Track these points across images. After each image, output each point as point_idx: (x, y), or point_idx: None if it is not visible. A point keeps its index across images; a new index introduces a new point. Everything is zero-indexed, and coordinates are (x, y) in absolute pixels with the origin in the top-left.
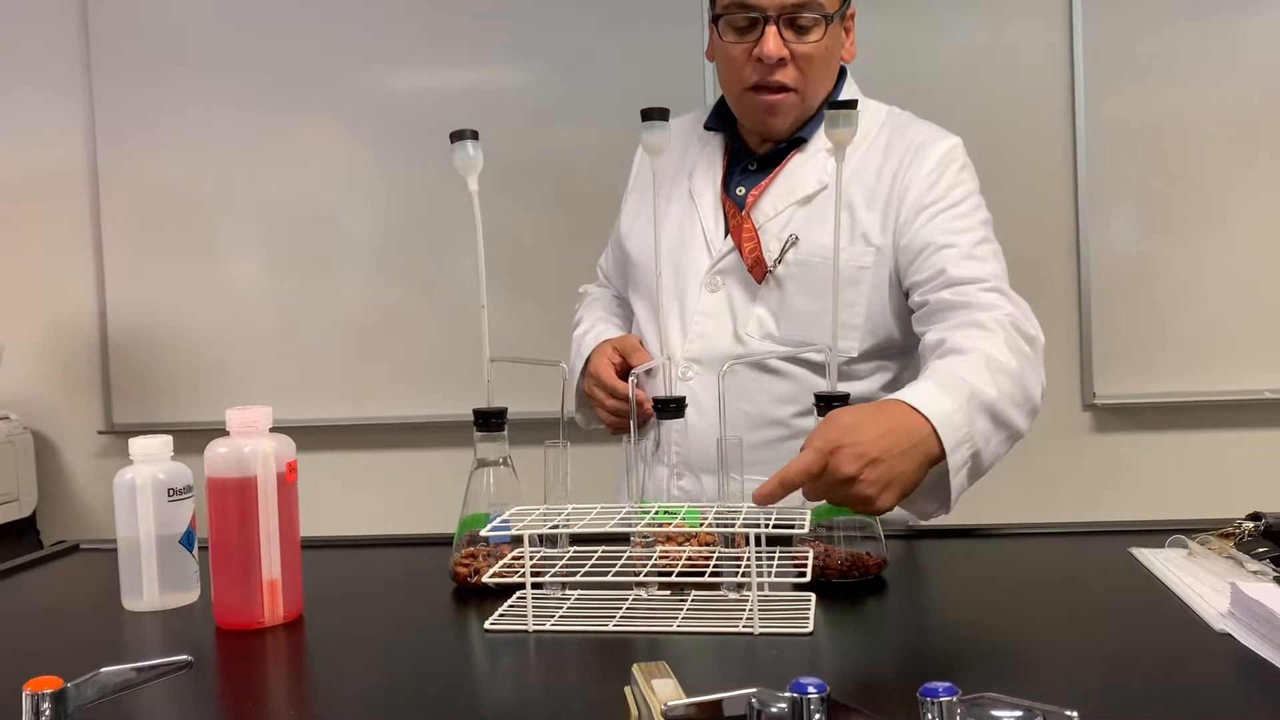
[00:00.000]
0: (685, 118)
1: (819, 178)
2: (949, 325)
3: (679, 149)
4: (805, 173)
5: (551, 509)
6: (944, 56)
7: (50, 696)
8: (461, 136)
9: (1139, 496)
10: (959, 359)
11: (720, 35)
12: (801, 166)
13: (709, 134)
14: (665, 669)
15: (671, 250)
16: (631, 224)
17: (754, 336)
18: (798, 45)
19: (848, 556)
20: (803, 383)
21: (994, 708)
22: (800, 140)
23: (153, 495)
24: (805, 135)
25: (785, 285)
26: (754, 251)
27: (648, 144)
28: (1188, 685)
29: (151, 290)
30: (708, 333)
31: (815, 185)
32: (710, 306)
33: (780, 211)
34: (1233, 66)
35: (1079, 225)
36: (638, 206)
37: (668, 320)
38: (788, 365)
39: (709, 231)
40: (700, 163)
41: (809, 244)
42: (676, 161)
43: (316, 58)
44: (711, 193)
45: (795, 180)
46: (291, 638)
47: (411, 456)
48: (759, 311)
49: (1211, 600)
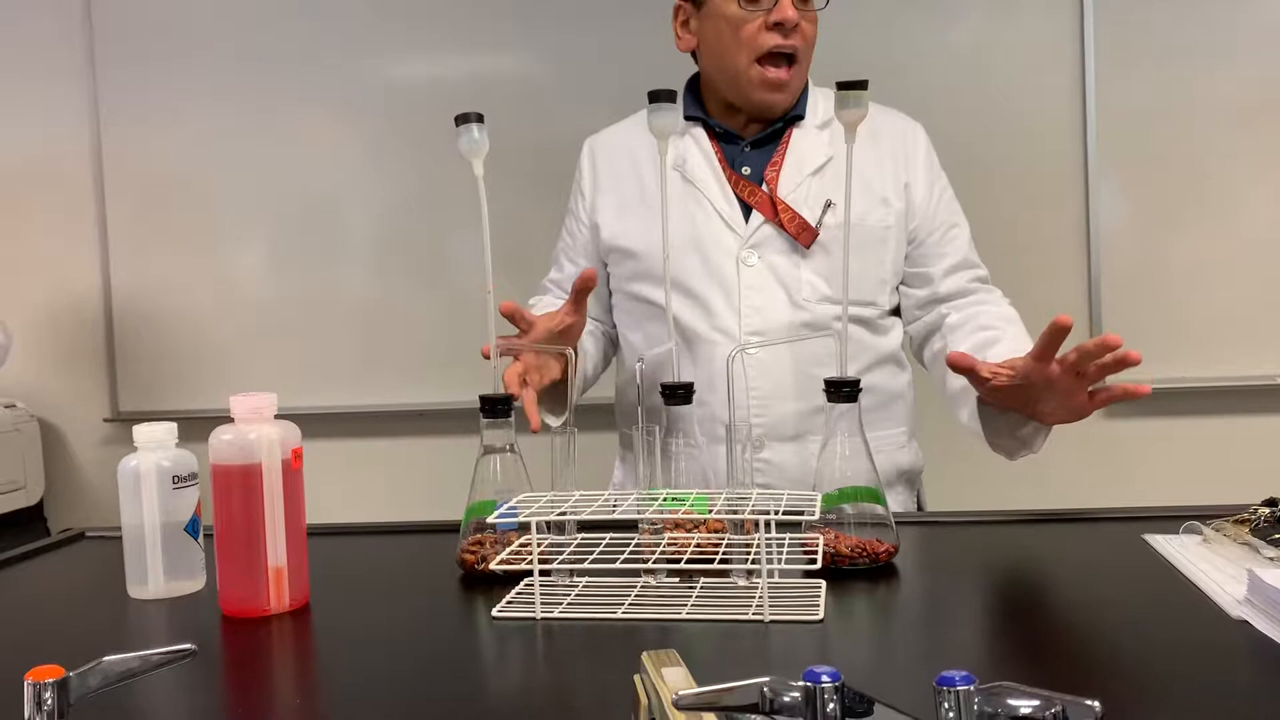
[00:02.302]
0: (638, 114)
1: (824, 150)
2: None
3: (646, 143)
4: (810, 146)
5: (559, 496)
6: (955, 41)
7: (53, 686)
8: (467, 120)
9: (1149, 483)
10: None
11: (738, 5)
12: (805, 140)
13: (686, 124)
14: (675, 657)
15: (695, 237)
16: (616, 222)
17: (811, 300)
18: (804, 12)
19: (858, 543)
20: (863, 342)
21: (1011, 697)
22: (797, 117)
23: (157, 482)
24: (801, 112)
25: (830, 248)
26: (794, 220)
27: (655, 127)
28: (1205, 673)
29: (157, 278)
30: (761, 306)
31: (823, 157)
32: (755, 280)
33: (799, 184)
34: (1245, 51)
35: (1089, 210)
36: (617, 204)
37: (712, 302)
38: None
39: (725, 212)
40: (689, 153)
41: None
42: (652, 153)
43: (321, 44)
44: (714, 176)
45: (802, 153)
46: (297, 626)
47: (417, 444)
48: (809, 276)
49: (1228, 587)
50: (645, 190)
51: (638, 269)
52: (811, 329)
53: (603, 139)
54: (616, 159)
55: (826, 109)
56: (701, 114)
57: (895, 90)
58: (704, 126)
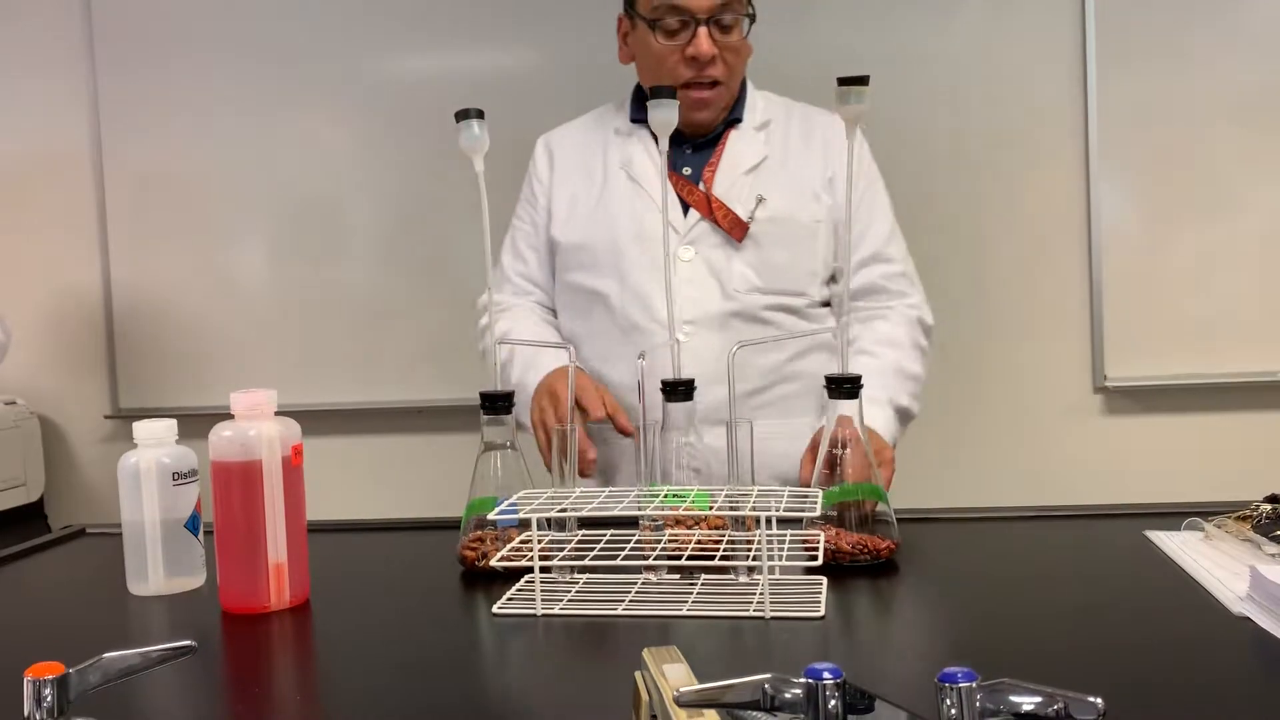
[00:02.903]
0: (586, 117)
1: (759, 150)
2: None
3: (597, 144)
4: (745, 146)
5: (559, 492)
6: (955, 36)
7: (52, 683)
8: (467, 115)
9: (1150, 479)
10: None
11: (654, 38)
12: (741, 141)
13: (633, 126)
14: (676, 654)
15: (637, 231)
16: (569, 214)
17: (742, 291)
18: (724, 42)
19: (859, 540)
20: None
21: (1014, 693)
22: (735, 120)
23: (157, 479)
24: (739, 115)
25: (760, 241)
26: (728, 216)
27: (657, 121)
28: (1207, 669)
29: (157, 275)
30: (696, 297)
31: (758, 156)
32: (690, 274)
33: (734, 182)
34: (1247, 47)
35: (1089, 206)
36: (570, 197)
37: (652, 295)
38: (776, 315)
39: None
40: (634, 153)
41: (772, 203)
42: (601, 154)
43: (323, 40)
44: (657, 175)
45: (738, 154)
46: (298, 622)
47: (418, 440)
48: (740, 269)
49: (1230, 583)
50: (594, 186)
51: (584, 260)
52: (743, 318)
53: (556, 137)
54: (571, 156)
55: (766, 110)
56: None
57: (895, 86)
58: (649, 131)
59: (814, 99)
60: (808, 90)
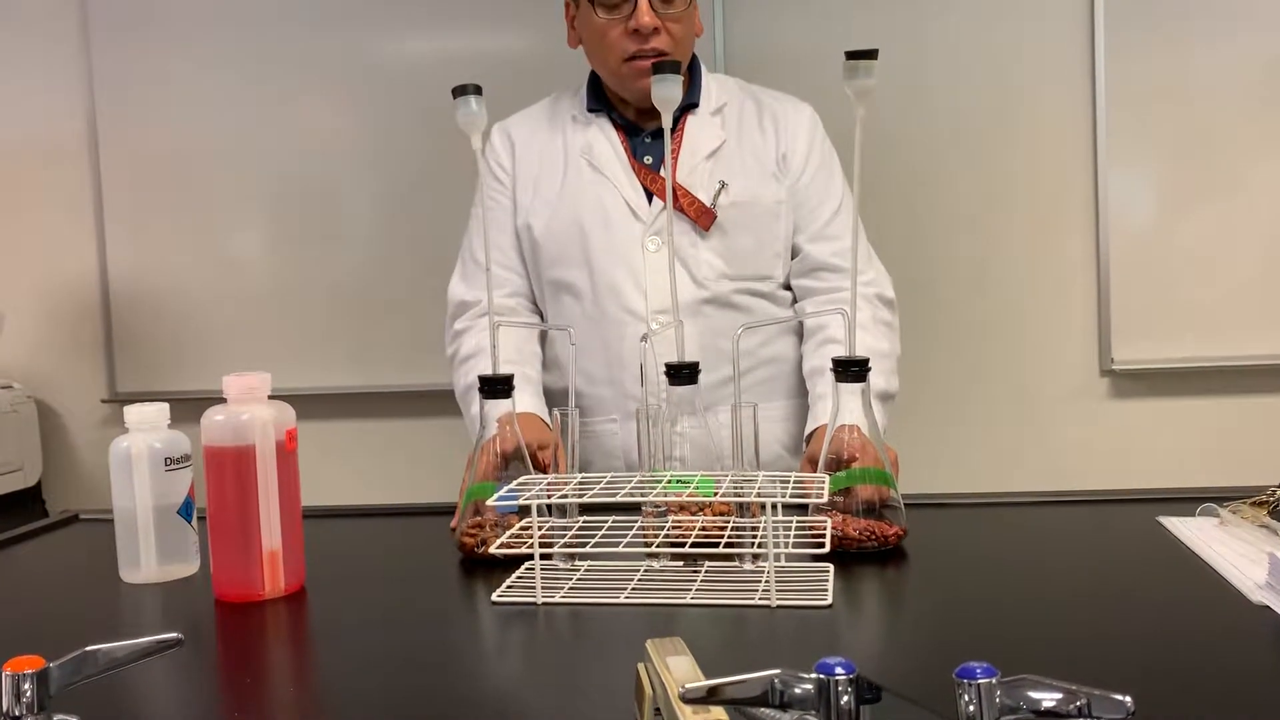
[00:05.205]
0: (540, 105)
1: (717, 134)
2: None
3: (555, 132)
4: (703, 131)
5: (560, 478)
6: (962, 16)
7: (31, 677)
8: (464, 91)
9: (1157, 463)
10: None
11: (595, 14)
12: (698, 127)
13: (591, 115)
14: (680, 645)
15: (603, 219)
16: (532, 204)
17: (710, 278)
18: (666, 14)
19: (866, 526)
20: (763, 313)
21: (1036, 690)
22: (691, 105)
23: (149, 464)
24: (695, 100)
25: (725, 227)
26: (693, 204)
27: (660, 97)
28: (1228, 659)
29: (153, 258)
30: (665, 286)
31: (716, 141)
32: (659, 263)
33: (694, 169)
34: (1256, 29)
35: (1098, 189)
36: (533, 187)
37: (620, 284)
38: (745, 300)
39: (631, 199)
40: (595, 142)
41: (734, 188)
42: (562, 144)
43: (321, 21)
44: (620, 165)
45: (697, 140)
46: (293, 610)
47: (415, 425)
48: (707, 256)
49: (1247, 571)
50: (555, 175)
51: (551, 250)
52: (714, 305)
53: (512, 125)
54: (530, 144)
55: (720, 95)
56: (603, 106)
57: (902, 72)
58: (608, 118)
59: (819, 83)
60: (813, 74)
